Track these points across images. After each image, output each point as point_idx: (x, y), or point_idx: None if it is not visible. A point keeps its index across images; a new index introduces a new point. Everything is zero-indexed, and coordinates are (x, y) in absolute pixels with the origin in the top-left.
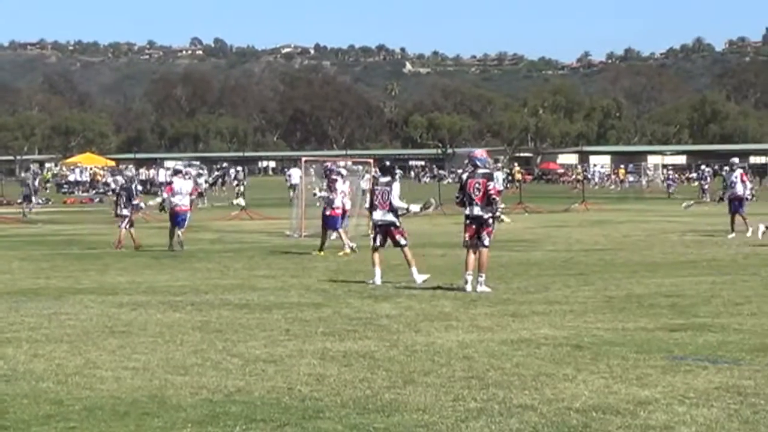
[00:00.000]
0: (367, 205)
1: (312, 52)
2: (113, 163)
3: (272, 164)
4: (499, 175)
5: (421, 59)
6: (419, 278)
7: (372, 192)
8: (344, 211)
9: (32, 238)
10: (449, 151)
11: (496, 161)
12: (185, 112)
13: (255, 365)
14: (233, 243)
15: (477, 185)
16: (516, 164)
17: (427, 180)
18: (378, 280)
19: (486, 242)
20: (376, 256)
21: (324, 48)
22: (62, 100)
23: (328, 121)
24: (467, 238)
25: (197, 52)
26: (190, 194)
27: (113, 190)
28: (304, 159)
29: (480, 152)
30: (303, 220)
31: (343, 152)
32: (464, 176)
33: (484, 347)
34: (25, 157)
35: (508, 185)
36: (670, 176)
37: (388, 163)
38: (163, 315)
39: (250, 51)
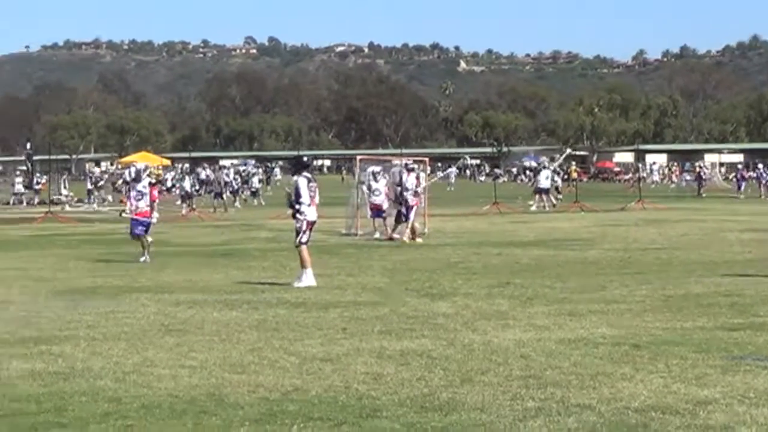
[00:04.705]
0: (422, 204)
1: (366, 50)
2: (168, 162)
3: (327, 163)
4: (546, 173)
5: (475, 57)
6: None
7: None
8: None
9: (88, 237)
10: (504, 149)
11: (552, 159)
12: (240, 111)
13: (312, 364)
14: (289, 241)
15: None
16: (574, 163)
17: (483, 179)
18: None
19: None
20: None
21: (378, 46)
22: (117, 99)
23: (383, 120)
24: None
25: (251, 51)
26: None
27: None
28: (359, 158)
29: None
30: (358, 219)
31: (398, 151)
32: None
33: (541, 346)
34: (80, 156)
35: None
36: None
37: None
38: (219, 313)
39: (304, 50)
